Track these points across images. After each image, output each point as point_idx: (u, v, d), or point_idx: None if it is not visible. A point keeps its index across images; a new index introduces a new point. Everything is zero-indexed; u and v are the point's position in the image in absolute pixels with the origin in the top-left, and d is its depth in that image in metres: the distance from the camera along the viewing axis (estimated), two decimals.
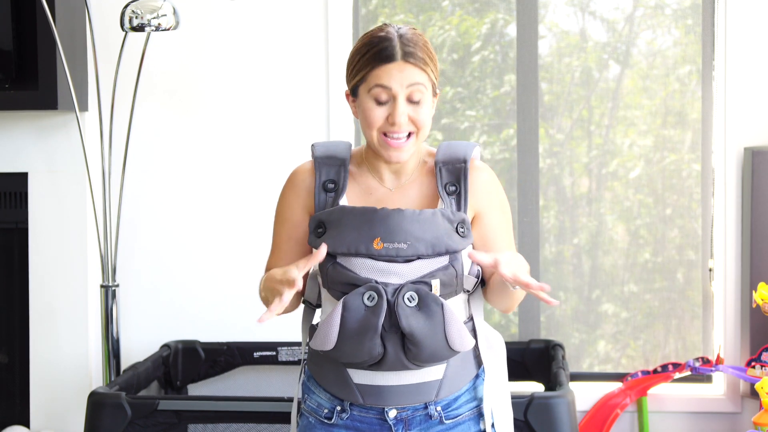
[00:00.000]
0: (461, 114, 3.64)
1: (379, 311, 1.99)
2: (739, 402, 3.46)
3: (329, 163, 2.14)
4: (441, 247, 2.04)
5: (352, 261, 2.03)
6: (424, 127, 2.07)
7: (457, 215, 2.07)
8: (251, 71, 3.55)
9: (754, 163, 3.34)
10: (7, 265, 3.67)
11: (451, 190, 2.11)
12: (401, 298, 1.99)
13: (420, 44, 2.06)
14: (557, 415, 2.73)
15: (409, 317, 1.99)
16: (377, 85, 2.04)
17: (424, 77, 2.05)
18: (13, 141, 3.55)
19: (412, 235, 2.02)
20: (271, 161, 3.55)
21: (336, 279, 2.05)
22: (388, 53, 2.04)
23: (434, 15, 3.64)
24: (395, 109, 2.04)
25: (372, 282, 2.01)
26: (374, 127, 2.06)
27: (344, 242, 2.03)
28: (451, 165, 2.13)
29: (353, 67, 2.10)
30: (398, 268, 2.02)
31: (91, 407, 2.85)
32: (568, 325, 3.64)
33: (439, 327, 2.00)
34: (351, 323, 1.99)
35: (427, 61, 2.06)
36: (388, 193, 2.13)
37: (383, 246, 2.02)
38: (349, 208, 2.06)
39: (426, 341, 2.00)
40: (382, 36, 2.07)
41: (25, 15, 3.40)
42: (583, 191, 3.63)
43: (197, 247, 3.59)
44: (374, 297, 1.99)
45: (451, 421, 2.14)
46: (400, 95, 2.04)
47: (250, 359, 3.47)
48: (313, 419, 2.18)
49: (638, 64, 3.59)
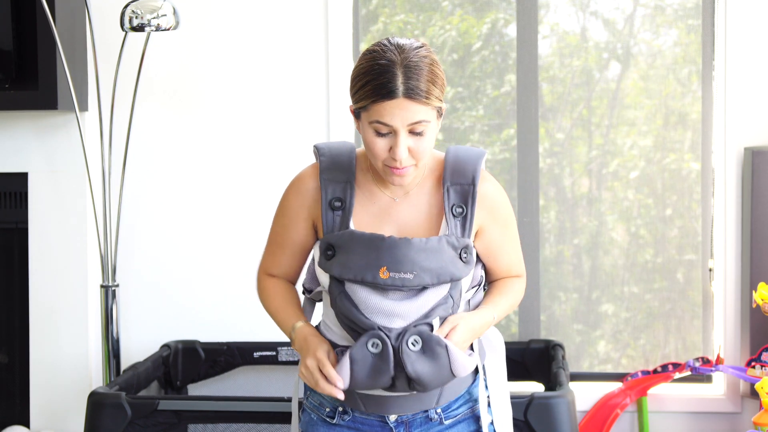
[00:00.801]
0: (461, 114, 3.64)
1: (387, 357, 2.00)
2: (739, 402, 3.46)
3: (335, 178, 2.11)
4: (446, 276, 2.05)
5: (358, 293, 2.04)
6: (424, 157, 2.03)
7: (461, 241, 2.07)
8: (251, 71, 3.55)
9: (754, 163, 3.34)
10: (7, 265, 3.67)
11: (457, 212, 2.09)
12: (405, 344, 2.00)
13: (425, 71, 1.99)
14: (557, 415, 2.73)
15: (414, 363, 2.00)
16: (378, 121, 1.99)
17: (427, 112, 1.99)
18: (13, 141, 3.55)
19: (419, 265, 2.02)
20: (271, 161, 3.55)
21: (342, 312, 2.06)
22: (389, 89, 1.97)
23: (434, 15, 3.64)
24: (396, 146, 1.99)
25: (375, 329, 2.01)
26: (377, 157, 2.03)
27: (351, 269, 2.04)
28: (459, 186, 2.10)
29: (355, 92, 2.03)
30: (402, 308, 2.02)
31: (91, 407, 2.85)
32: (568, 325, 3.64)
33: (444, 368, 2.02)
34: (361, 372, 2.02)
35: (431, 91, 1.99)
36: (392, 202, 2.12)
37: (389, 275, 2.02)
38: (358, 234, 2.05)
39: (433, 382, 2.03)
40: (384, 65, 1.98)
41: (25, 15, 3.40)
42: (583, 191, 3.63)
43: (197, 247, 3.59)
44: (378, 344, 2.01)
45: (450, 420, 2.16)
46: (402, 131, 1.99)
47: (250, 359, 3.47)
48: (315, 416, 2.19)
49: (638, 64, 3.59)
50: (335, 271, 2.05)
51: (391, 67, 1.97)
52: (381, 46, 2.02)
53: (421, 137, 2.01)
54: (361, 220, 2.10)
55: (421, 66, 1.98)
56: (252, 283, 3.42)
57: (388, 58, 1.98)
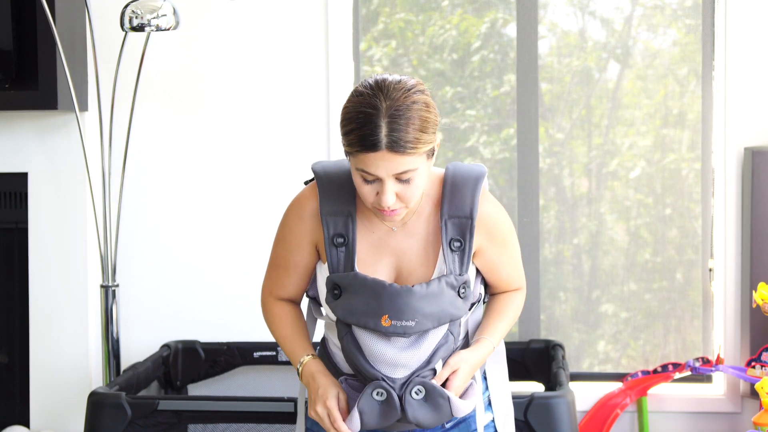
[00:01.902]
0: (461, 114, 3.64)
1: (393, 403, 2.03)
2: (739, 402, 3.46)
3: (335, 212, 2.08)
4: (446, 318, 2.07)
5: (363, 338, 2.06)
6: (414, 199, 2.00)
7: (459, 280, 2.07)
8: (251, 71, 3.55)
9: (754, 163, 3.34)
10: (7, 265, 3.67)
11: (455, 246, 2.08)
12: (408, 393, 2.04)
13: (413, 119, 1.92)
14: (557, 415, 2.73)
15: (416, 411, 2.04)
16: (363, 170, 1.94)
17: (413, 160, 1.93)
18: (13, 141, 3.55)
19: (420, 312, 2.04)
20: (271, 161, 3.55)
21: (348, 356, 2.08)
22: (372, 143, 1.90)
23: (434, 14, 3.64)
24: (383, 193, 1.96)
25: (378, 379, 2.04)
26: (365, 201, 2.00)
27: (354, 314, 2.06)
28: (456, 219, 2.07)
29: (342, 135, 1.96)
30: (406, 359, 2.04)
31: (91, 407, 2.85)
32: (568, 325, 3.64)
33: (445, 415, 2.07)
34: (370, 420, 2.05)
35: (420, 138, 1.92)
36: (390, 232, 2.11)
37: (391, 323, 2.04)
38: (361, 277, 2.05)
39: (432, 425, 2.08)
40: (367, 115, 1.90)
41: (25, 15, 3.40)
42: (583, 191, 3.63)
43: (197, 247, 3.59)
44: (383, 393, 2.04)
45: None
46: (388, 180, 1.94)
47: (250, 359, 3.47)
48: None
49: (637, 64, 3.59)
50: (339, 313, 2.08)
51: (375, 118, 1.90)
52: (369, 89, 1.95)
53: (408, 183, 1.96)
54: (361, 252, 2.10)
55: (408, 115, 1.91)
56: (252, 283, 3.42)
57: (372, 105, 1.91)
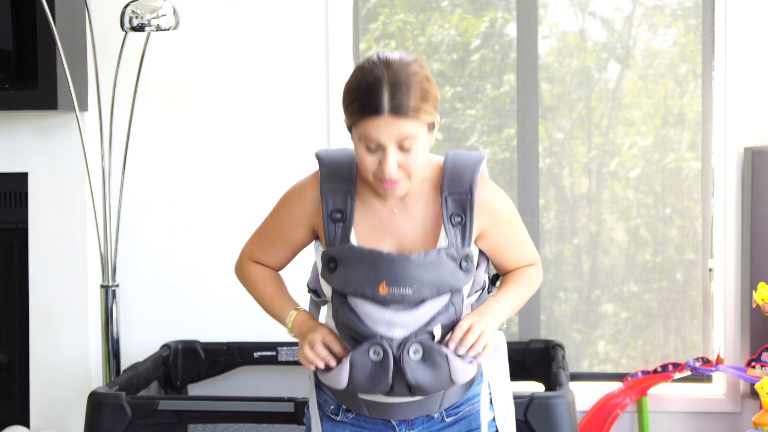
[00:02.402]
0: (461, 114, 3.64)
1: (387, 366, 2.02)
2: (739, 402, 3.46)
3: (335, 189, 2.11)
4: (445, 288, 2.06)
5: (359, 304, 2.05)
6: (416, 170, 2.02)
7: (461, 252, 2.07)
8: (251, 71, 3.55)
9: (754, 163, 3.34)
10: (7, 265, 3.67)
11: (456, 221, 2.09)
12: (406, 353, 2.02)
13: (413, 87, 1.97)
14: (557, 415, 2.73)
15: (414, 371, 2.02)
16: (366, 137, 1.98)
17: (414, 127, 1.98)
18: (13, 141, 3.55)
19: (418, 279, 2.03)
20: (271, 161, 3.55)
21: (344, 322, 2.07)
22: (374, 107, 1.95)
23: (434, 14, 3.64)
24: (384, 161, 1.98)
25: (376, 336, 2.03)
26: (367, 172, 2.02)
27: (351, 283, 2.05)
28: (456, 195, 2.09)
29: (345, 108, 2.02)
30: (403, 319, 2.04)
31: (91, 407, 2.85)
32: (568, 325, 3.64)
33: (444, 376, 2.04)
34: (360, 377, 2.03)
35: (419, 106, 1.97)
36: (391, 214, 2.11)
37: (389, 291, 2.03)
38: (357, 248, 2.06)
39: (432, 388, 2.05)
40: (370, 83, 1.97)
41: (25, 15, 3.40)
42: (583, 191, 3.63)
43: (197, 247, 3.59)
44: (380, 352, 2.02)
45: (452, 418, 2.17)
46: (390, 147, 1.98)
47: (250, 359, 3.47)
48: (320, 413, 2.20)
49: (637, 64, 3.59)
50: (336, 284, 2.07)
51: (377, 85, 1.96)
52: (370, 62, 2.01)
53: (410, 152, 1.99)
54: (362, 232, 2.10)
55: (410, 83, 1.96)
56: None
57: (375, 75, 1.97)
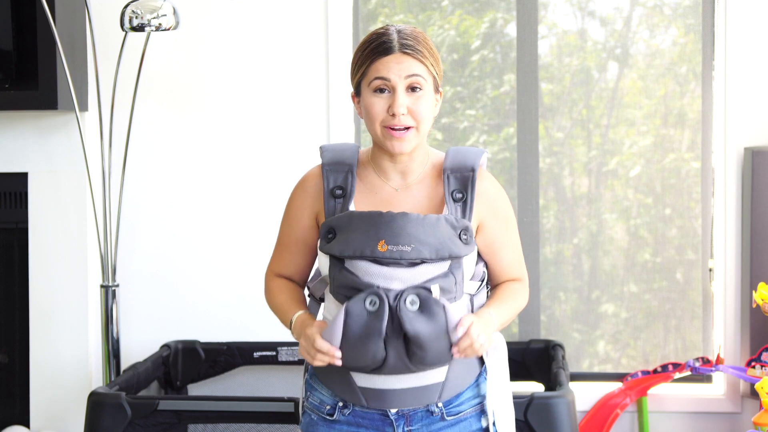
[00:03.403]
0: (461, 114, 3.64)
1: (382, 315, 2.01)
2: (739, 402, 3.46)
3: (337, 169, 2.17)
4: (444, 252, 2.06)
5: (358, 265, 2.06)
6: (423, 120, 2.11)
7: (460, 222, 2.10)
8: (251, 71, 3.55)
9: (754, 163, 3.34)
10: (7, 265, 3.67)
11: (457, 197, 2.13)
12: (403, 302, 2.01)
13: (420, 39, 2.13)
14: (557, 415, 2.73)
15: (412, 321, 2.00)
16: (377, 78, 2.10)
17: (422, 69, 2.11)
18: (13, 141, 3.55)
19: (416, 238, 2.05)
20: (271, 161, 3.55)
21: (341, 283, 2.08)
22: (386, 46, 2.10)
23: (434, 15, 3.64)
24: (395, 100, 2.08)
25: (374, 287, 2.03)
26: (377, 120, 2.11)
27: (350, 245, 2.06)
28: (458, 173, 2.15)
29: (355, 64, 2.16)
30: (401, 273, 2.04)
31: (91, 407, 2.85)
32: (568, 325, 3.64)
33: (442, 329, 2.01)
34: (354, 329, 2.01)
35: (425, 54, 2.12)
36: (393, 192, 2.16)
37: (387, 248, 2.04)
38: (357, 213, 2.09)
39: (431, 344, 2.02)
40: (381, 32, 2.13)
41: (25, 15, 3.40)
42: (582, 191, 3.63)
43: (197, 247, 3.59)
44: (376, 302, 2.01)
45: (452, 417, 2.17)
46: (399, 86, 2.09)
47: (250, 359, 3.47)
48: (316, 416, 2.20)
49: (637, 64, 3.59)
50: (335, 250, 2.08)
51: (387, 34, 2.12)
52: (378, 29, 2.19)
53: (418, 96, 2.10)
54: (362, 209, 2.13)
55: (415, 35, 2.13)
56: (252, 283, 3.43)
57: (384, 29, 2.15)
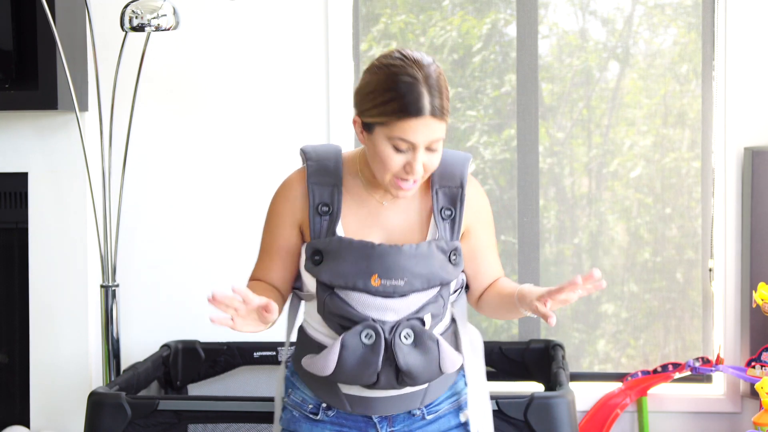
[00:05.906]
0: (461, 114, 3.64)
1: (378, 350, 2.03)
2: (739, 402, 3.46)
3: (322, 182, 2.11)
4: (435, 281, 2.08)
5: (350, 294, 2.05)
6: (432, 171, 2.06)
7: (450, 245, 2.09)
8: (251, 71, 3.55)
9: (754, 163, 3.34)
10: (7, 265, 3.67)
11: (446, 215, 2.12)
12: (398, 336, 2.03)
13: (443, 89, 2.00)
14: (557, 415, 2.73)
15: (406, 355, 2.03)
16: (401, 139, 1.98)
17: (443, 128, 2.01)
18: (13, 141, 3.55)
19: (409, 271, 2.04)
20: (271, 161, 3.55)
21: (333, 311, 2.07)
22: (418, 107, 1.96)
23: (435, 15, 3.64)
24: (414, 160, 2.00)
25: (369, 320, 2.03)
26: (389, 171, 2.02)
27: (341, 276, 2.05)
28: (447, 189, 2.12)
29: (373, 105, 2.00)
30: (393, 304, 2.05)
31: (91, 407, 2.84)
32: (568, 325, 3.64)
33: (434, 361, 2.06)
34: (349, 360, 2.03)
35: (448, 107, 2.01)
36: (380, 207, 2.12)
37: (381, 283, 2.04)
38: (347, 241, 2.06)
39: (422, 375, 2.07)
40: (409, 83, 1.96)
41: (25, 15, 3.40)
42: (583, 191, 3.63)
43: (197, 247, 3.59)
44: (372, 335, 2.03)
45: (432, 416, 2.19)
46: (421, 147, 1.99)
47: (250, 359, 3.47)
48: (298, 413, 2.20)
49: (638, 64, 3.59)
50: (324, 277, 2.06)
51: (417, 85, 1.96)
52: (398, 60, 2.00)
53: (435, 153, 2.02)
54: (349, 225, 2.10)
55: (440, 84, 1.99)
56: None
57: (411, 74, 1.97)
